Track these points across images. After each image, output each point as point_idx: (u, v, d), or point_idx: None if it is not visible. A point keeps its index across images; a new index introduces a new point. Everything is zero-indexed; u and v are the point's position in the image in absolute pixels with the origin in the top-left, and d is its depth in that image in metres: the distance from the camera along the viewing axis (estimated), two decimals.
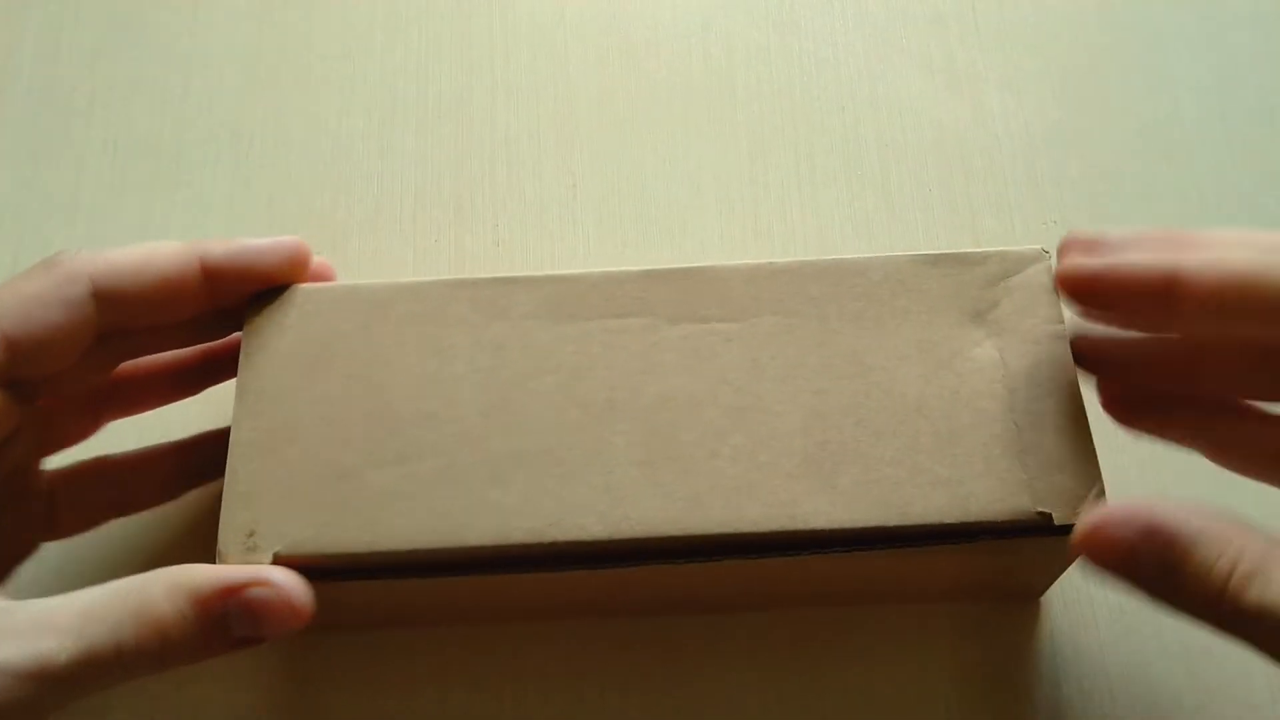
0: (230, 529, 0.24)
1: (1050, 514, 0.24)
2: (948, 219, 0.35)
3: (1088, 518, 0.22)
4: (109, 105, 0.38)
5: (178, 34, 0.39)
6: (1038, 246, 0.27)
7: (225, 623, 0.22)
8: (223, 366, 0.29)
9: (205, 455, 0.29)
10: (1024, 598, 0.30)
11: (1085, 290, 0.25)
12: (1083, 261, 0.25)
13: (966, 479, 0.24)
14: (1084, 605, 0.30)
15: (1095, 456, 0.24)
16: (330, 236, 0.35)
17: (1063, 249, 0.25)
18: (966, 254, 0.27)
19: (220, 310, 0.27)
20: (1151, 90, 0.37)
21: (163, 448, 0.29)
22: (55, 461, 0.28)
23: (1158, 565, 0.21)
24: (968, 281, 0.26)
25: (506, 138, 0.37)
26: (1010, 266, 0.26)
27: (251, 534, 0.24)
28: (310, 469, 0.25)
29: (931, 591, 0.29)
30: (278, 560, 0.24)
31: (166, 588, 0.22)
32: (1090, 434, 0.25)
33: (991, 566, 0.27)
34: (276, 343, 0.26)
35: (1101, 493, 0.24)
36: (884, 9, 0.39)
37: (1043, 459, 0.24)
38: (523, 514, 0.24)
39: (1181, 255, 0.23)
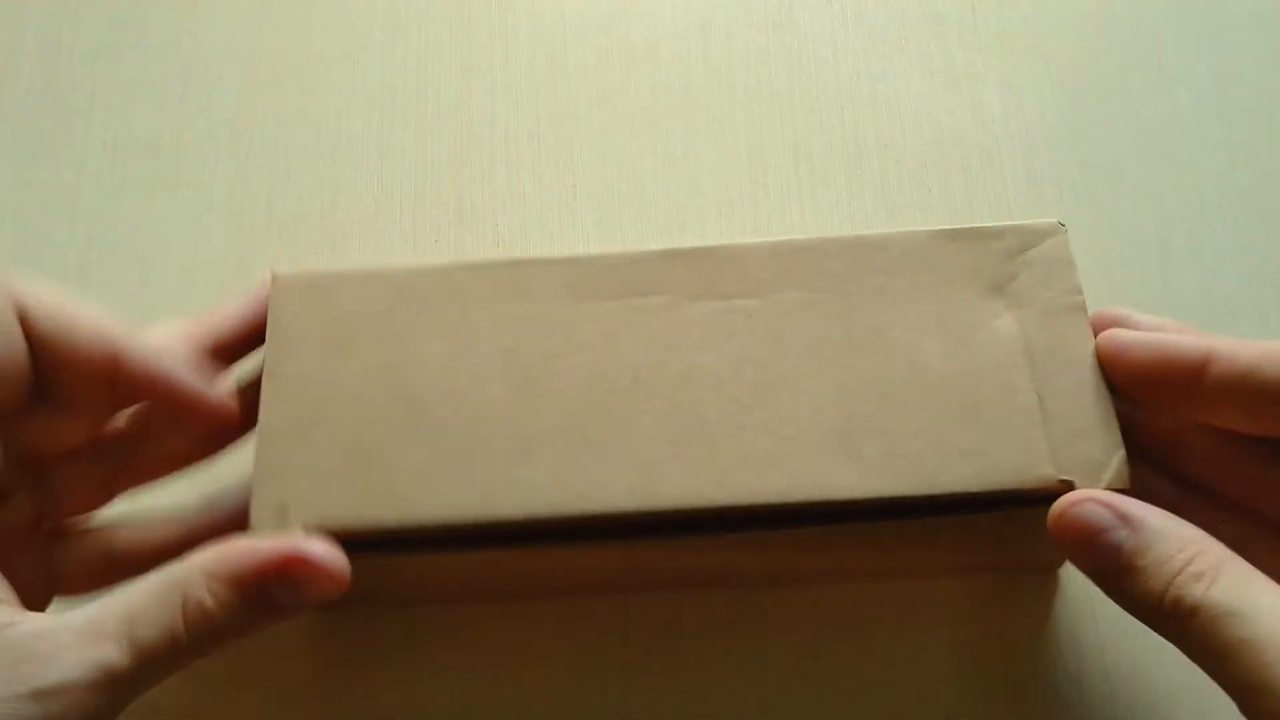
0: (262, 506, 0.25)
1: (1073, 482, 0.24)
2: (947, 219, 0.35)
3: (1066, 496, 0.23)
4: (109, 105, 0.38)
5: (178, 34, 0.39)
6: (1054, 220, 0.27)
7: (269, 596, 0.23)
8: (236, 427, 0.27)
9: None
10: (1042, 571, 0.30)
11: (1123, 358, 0.25)
12: (1126, 332, 0.25)
13: (990, 449, 0.24)
14: (1084, 604, 0.30)
15: (1117, 425, 0.24)
16: (330, 236, 0.35)
17: (1095, 324, 0.26)
18: (984, 228, 0.27)
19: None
20: (1151, 90, 0.37)
21: (169, 530, 0.27)
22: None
23: (1114, 551, 0.22)
24: (986, 255, 0.26)
25: (506, 138, 0.37)
26: (1028, 240, 0.27)
27: (283, 510, 0.24)
28: (338, 448, 0.25)
29: (950, 565, 0.30)
30: (307, 530, 0.24)
31: (207, 578, 0.22)
32: (1111, 402, 0.25)
33: (1013, 537, 0.27)
34: (301, 326, 0.27)
35: (1124, 460, 0.24)
36: (883, 9, 0.39)
37: (1065, 428, 0.24)
38: (551, 489, 0.24)
39: (1214, 338, 0.24)
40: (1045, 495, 0.24)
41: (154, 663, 0.22)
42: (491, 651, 0.30)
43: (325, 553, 0.23)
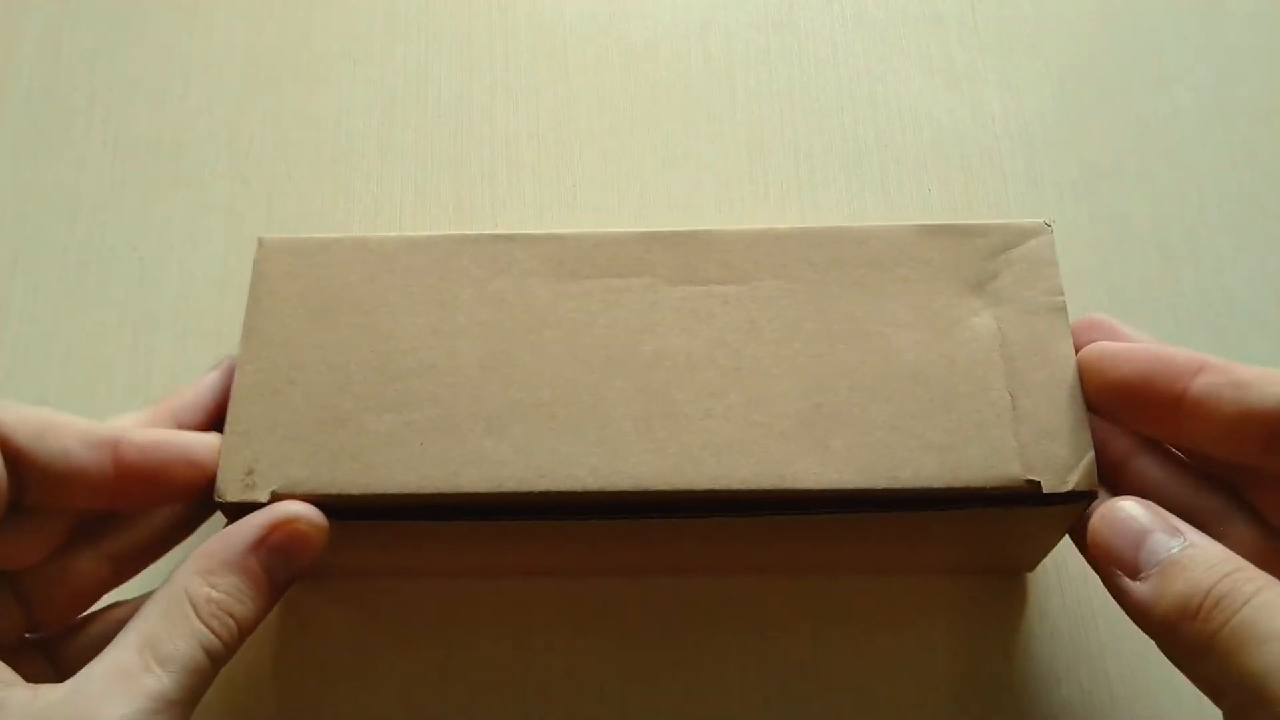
0: (229, 467, 0.25)
1: (1039, 482, 0.24)
2: (947, 219, 0.35)
3: (1115, 499, 0.23)
4: (109, 105, 0.38)
5: (178, 34, 0.39)
6: (1040, 219, 0.27)
7: (268, 570, 0.23)
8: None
9: None
10: (1013, 572, 0.30)
11: (1113, 363, 0.24)
12: (1114, 344, 0.25)
13: (958, 445, 0.24)
14: (1084, 604, 0.30)
15: (1088, 427, 0.24)
16: None
17: (1082, 330, 0.26)
18: (969, 225, 0.27)
19: None
20: (1151, 90, 0.37)
21: None
22: None
23: (1160, 550, 0.22)
24: (969, 252, 0.26)
25: (506, 138, 0.37)
26: (1012, 239, 0.27)
27: (250, 472, 0.25)
28: (310, 412, 0.25)
29: (920, 563, 0.30)
30: (275, 498, 0.24)
31: (203, 575, 0.23)
32: (1084, 404, 0.25)
33: (981, 536, 0.27)
34: (284, 289, 0.27)
35: (1093, 462, 0.24)
36: (883, 9, 0.39)
37: (1035, 428, 0.24)
38: (516, 464, 0.25)
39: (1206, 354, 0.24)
40: (1012, 495, 0.24)
41: (193, 672, 0.22)
42: (468, 627, 0.30)
43: (302, 510, 0.24)
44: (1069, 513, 0.25)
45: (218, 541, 0.24)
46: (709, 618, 0.30)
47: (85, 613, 0.26)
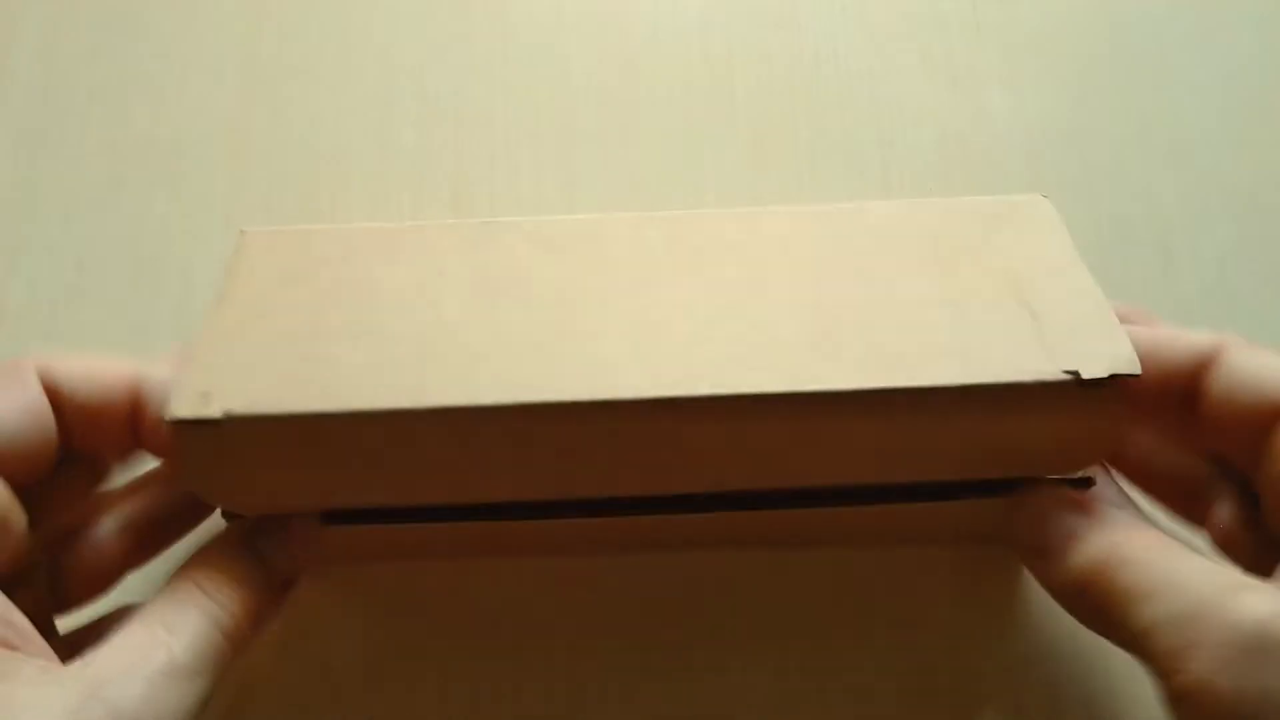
0: (183, 388, 0.23)
1: (1077, 371, 0.23)
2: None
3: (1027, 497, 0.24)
4: (107, 104, 0.38)
5: (176, 33, 0.39)
6: (1036, 194, 0.27)
7: (268, 560, 0.24)
8: None
9: None
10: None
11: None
12: (1143, 327, 0.25)
13: (980, 347, 0.23)
14: None
15: (1116, 319, 0.24)
16: None
17: None
18: (965, 200, 0.27)
19: None
20: (1152, 90, 0.37)
21: None
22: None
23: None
24: (968, 219, 0.27)
25: (506, 138, 0.37)
26: (1008, 209, 0.27)
27: (206, 393, 0.23)
28: (277, 342, 0.24)
29: (925, 533, 0.30)
30: (229, 417, 0.23)
31: (203, 562, 0.24)
32: (1108, 305, 0.24)
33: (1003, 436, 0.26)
34: (264, 260, 0.26)
35: (1131, 347, 0.23)
36: (885, 8, 0.39)
37: (1060, 328, 0.24)
38: (496, 381, 0.23)
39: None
40: (1042, 395, 0.23)
41: (202, 639, 0.22)
42: (475, 607, 0.30)
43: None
44: (1109, 415, 0.23)
45: (214, 538, 0.25)
46: (709, 594, 0.30)
47: (105, 610, 0.26)
